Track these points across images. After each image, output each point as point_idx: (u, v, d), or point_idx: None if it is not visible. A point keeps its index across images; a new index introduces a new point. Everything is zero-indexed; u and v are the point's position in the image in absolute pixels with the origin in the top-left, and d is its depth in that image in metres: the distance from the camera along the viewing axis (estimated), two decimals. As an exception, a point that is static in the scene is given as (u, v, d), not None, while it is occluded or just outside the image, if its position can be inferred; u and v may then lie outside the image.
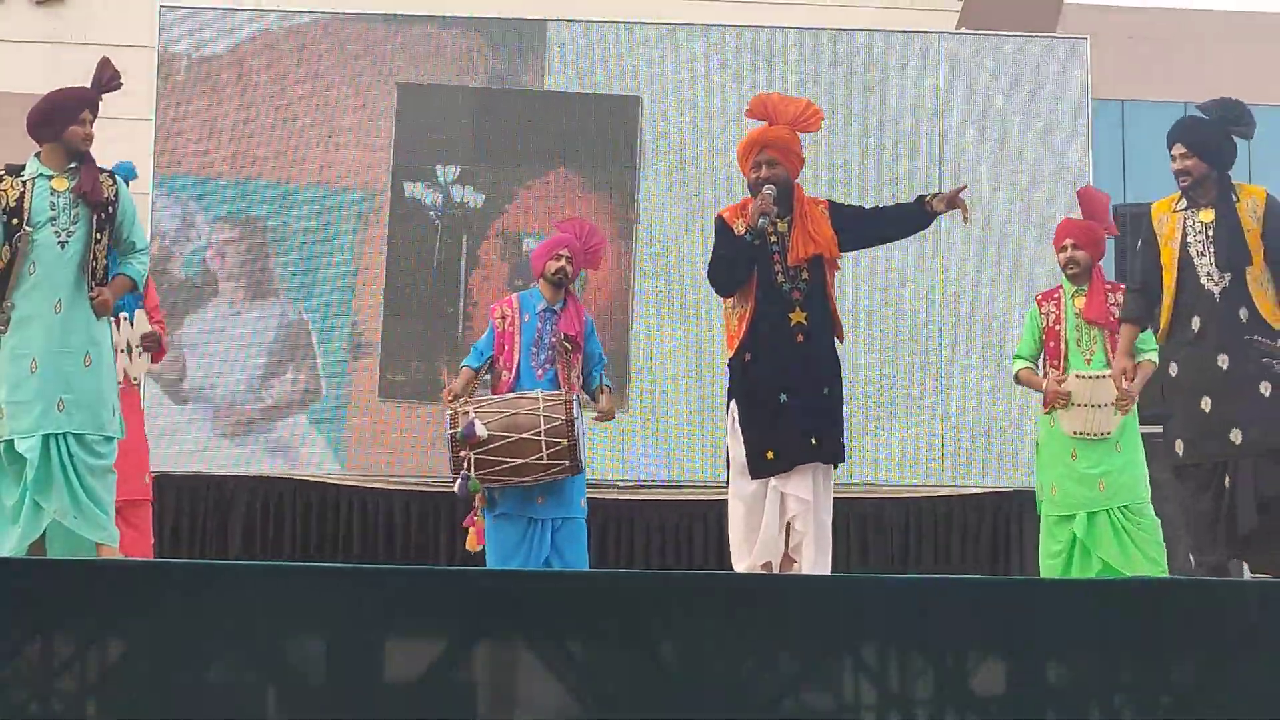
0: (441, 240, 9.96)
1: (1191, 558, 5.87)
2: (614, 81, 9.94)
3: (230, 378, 9.63)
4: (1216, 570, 5.68)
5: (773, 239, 5.82)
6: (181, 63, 9.76)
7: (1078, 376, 6.86)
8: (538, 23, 10.02)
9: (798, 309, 5.80)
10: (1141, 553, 6.72)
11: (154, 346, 6.97)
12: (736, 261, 5.82)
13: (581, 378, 6.93)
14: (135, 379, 6.94)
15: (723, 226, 5.92)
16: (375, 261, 9.85)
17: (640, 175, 9.95)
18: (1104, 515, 6.75)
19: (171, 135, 9.73)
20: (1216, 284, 5.77)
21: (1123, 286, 6.94)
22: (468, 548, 6.82)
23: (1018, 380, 7.14)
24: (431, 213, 9.94)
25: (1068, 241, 6.94)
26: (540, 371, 6.81)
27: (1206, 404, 5.75)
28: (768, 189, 5.79)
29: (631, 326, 9.77)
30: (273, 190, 9.77)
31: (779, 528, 5.76)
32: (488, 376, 7.01)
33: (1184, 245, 5.85)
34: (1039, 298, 7.09)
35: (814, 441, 5.77)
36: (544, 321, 6.88)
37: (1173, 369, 5.91)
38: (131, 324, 6.83)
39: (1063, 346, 6.92)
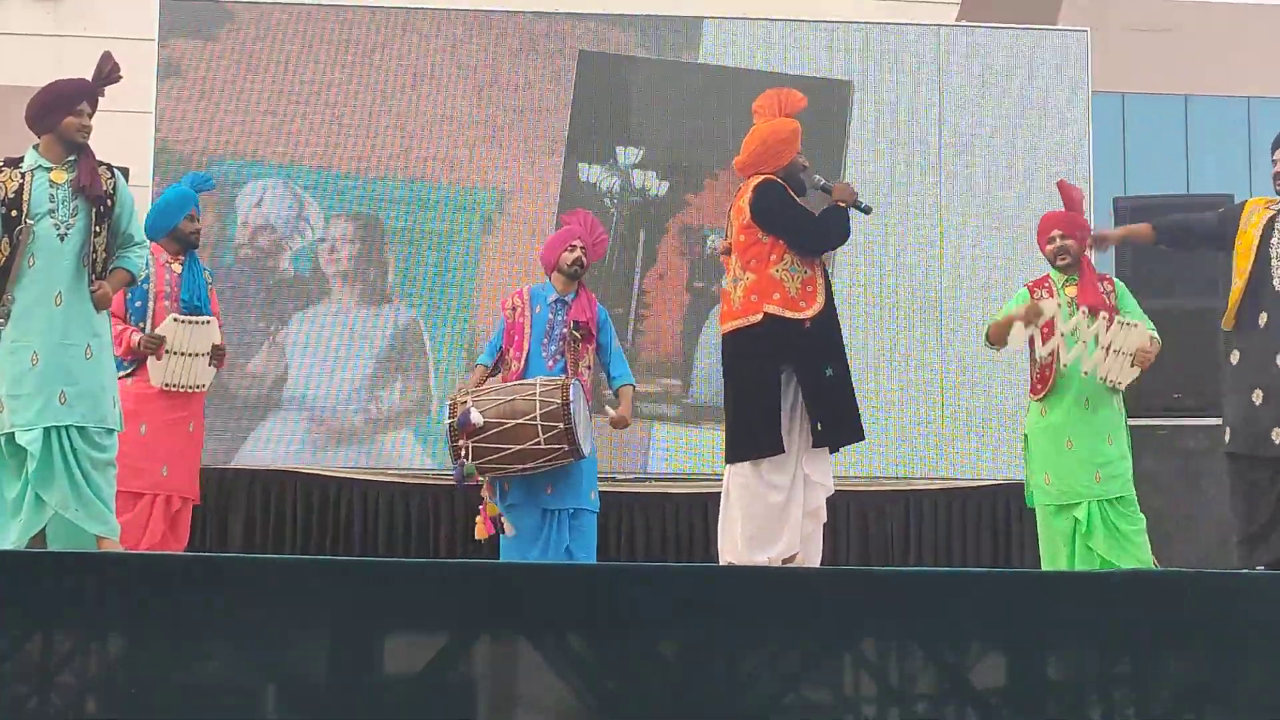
0: (616, 232, 9.14)
1: (1242, 550, 6.01)
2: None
3: (334, 385, 9.04)
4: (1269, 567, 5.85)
5: None
6: (256, 51, 9.27)
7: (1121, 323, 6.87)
8: (694, 20, 9.49)
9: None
10: (1128, 543, 6.73)
11: (220, 359, 6.97)
12: (845, 229, 6.08)
13: (591, 368, 6.96)
14: (201, 385, 6.92)
15: (786, 192, 6.05)
16: (501, 267, 9.10)
17: (847, 166, 9.35)
18: (1097, 506, 6.77)
19: (282, 120, 9.23)
20: None
21: (1109, 277, 7.04)
22: (476, 536, 6.87)
23: (988, 338, 6.95)
24: (607, 199, 9.18)
25: (1056, 233, 6.98)
26: (551, 362, 6.85)
27: (1258, 397, 6.13)
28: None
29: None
30: (393, 187, 9.20)
31: (802, 518, 5.82)
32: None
33: (1264, 242, 6.19)
34: (1030, 286, 7.08)
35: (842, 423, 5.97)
36: (555, 313, 6.93)
37: (1234, 356, 6.27)
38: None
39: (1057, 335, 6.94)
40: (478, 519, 6.84)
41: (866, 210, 6.08)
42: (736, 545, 5.83)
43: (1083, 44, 9.69)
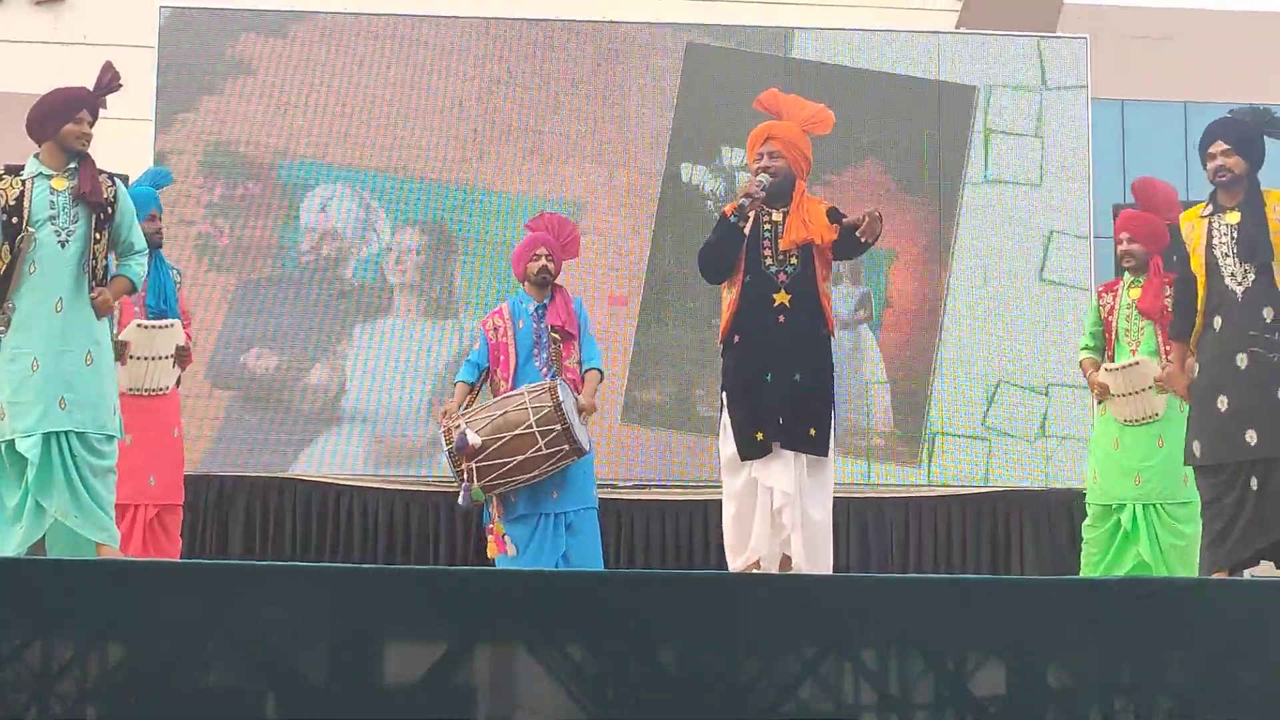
0: None
1: (1205, 555, 5.89)
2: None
3: (394, 400, 8.89)
4: (1233, 570, 5.73)
5: (766, 227, 5.95)
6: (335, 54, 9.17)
7: (1107, 370, 6.92)
8: (783, 31, 9.45)
9: (782, 290, 5.90)
10: (1165, 556, 6.74)
11: (185, 359, 7.05)
12: (722, 244, 5.94)
13: (581, 364, 6.98)
14: (164, 388, 6.95)
15: (721, 218, 6.03)
16: (574, 281, 8.62)
17: (965, 182, 9.29)
18: (1141, 510, 6.80)
19: (351, 124, 9.08)
20: (1239, 284, 5.80)
21: (1173, 279, 6.98)
22: (489, 555, 6.91)
23: (1081, 367, 7.22)
24: (709, 202, 8.94)
25: (1123, 235, 7.02)
26: (545, 370, 6.86)
27: (1223, 403, 5.79)
28: (760, 176, 5.93)
29: (937, 355, 9.18)
30: (465, 196, 9.02)
31: (770, 523, 5.79)
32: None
33: (1209, 249, 5.86)
34: (1101, 289, 7.18)
35: (791, 426, 5.79)
36: (538, 321, 6.94)
37: (1194, 368, 5.93)
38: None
39: (1113, 336, 6.99)
40: (489, 538, 6.88)
41: (742, 205, 5.90)
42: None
43: (1082, 51, 9.69)
